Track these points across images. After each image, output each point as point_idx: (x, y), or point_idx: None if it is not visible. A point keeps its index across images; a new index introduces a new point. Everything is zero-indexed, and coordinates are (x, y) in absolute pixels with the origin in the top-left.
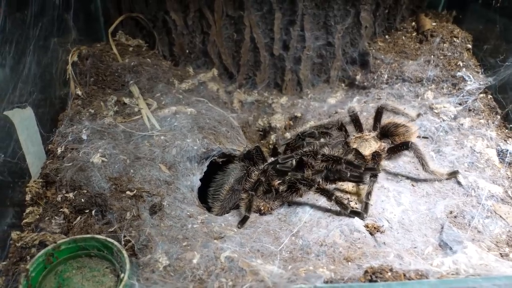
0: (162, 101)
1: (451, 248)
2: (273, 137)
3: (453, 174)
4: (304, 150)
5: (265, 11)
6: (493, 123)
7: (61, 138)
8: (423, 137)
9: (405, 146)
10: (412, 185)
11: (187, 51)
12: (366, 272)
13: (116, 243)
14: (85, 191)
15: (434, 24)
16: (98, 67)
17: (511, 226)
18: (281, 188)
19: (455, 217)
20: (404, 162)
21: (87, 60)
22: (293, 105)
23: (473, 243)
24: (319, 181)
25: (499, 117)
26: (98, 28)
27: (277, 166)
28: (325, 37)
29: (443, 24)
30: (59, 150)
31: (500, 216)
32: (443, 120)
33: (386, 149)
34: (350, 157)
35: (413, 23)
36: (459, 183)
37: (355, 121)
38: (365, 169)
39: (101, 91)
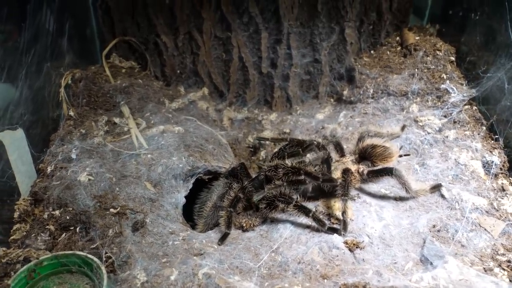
0: (151, 120)
1: (431, 263)
2: (262, 153)
3: (436, 188)
4: (268, 166)
5: (252, 32)
6: (478, 134)
7: (52, 157)
8: (405, 155)
9: (389, 172)
10: (395, 199)
11: (178, 71)
12: None
13: (95, 259)
14: (71, 209)
15: (417, 38)
16: (91, 89)
17: (496, 240)
18: (260, 205)
19: (438, 231)
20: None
21: (80, 83)
22: (282, 121)
23: (455, 257)
24: (297, 198)
25: (484, 128)
26: (94, 51)
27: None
28: (312, 54)
29: (426, 37)
30: (49, 169)
31: (485, 229)
32: (428, 133)
33: (365, 171)
34: (311, 168)
35: (398, 38)
36: (442, 196)
37: (337, 146)
38: (323, 181)
39: (93, 111)
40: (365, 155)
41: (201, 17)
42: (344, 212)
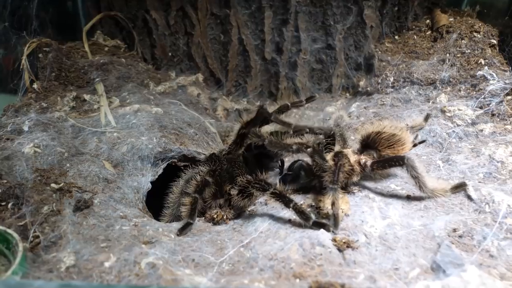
0: (127, 99)
1: (444, 271)
2: None
3: (459, 188)
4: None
5: (254, 9)
6: None
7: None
8: (420, 142)
9: (399, 161)
10: (407, 197)
11: (170, 54)
12: (310, 287)
13: (15, 235)
14: (5, 181)
15: (451, 19)
16: (62, 62)
17: None
18: (232, 192)
19: (460, 236)
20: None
21: (50, 54)
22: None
23: (479, 268)
24: (276, 185)
25: None
26: (78, 28)
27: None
28: (324, 39)
29: (463, 19)
30: None
31: None
32: (457, 125)
33: (368, 162)
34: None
35: (428, 21)
36: (469, 197)
37: (340, 136)
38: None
39: (61, 87)
40: (368, 143)
41: None
42: (333, 204)
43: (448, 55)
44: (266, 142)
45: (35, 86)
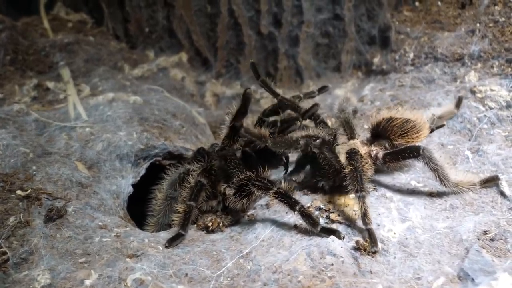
0: (99, 87)
1: (473, 280)
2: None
3: (491, 182)
4: None
5: None
6: None
7: None
8: (437, 127)
9: (414, 152)
10: (431, 195)
11: (147, 29)
12: None
13: None
14: None
15: None
16: (18, 43)
17: None
18: (227, 191)
19: (491, 239)
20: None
21: (3, 33)
22: None
23: None
24: (280, 184)
25: None
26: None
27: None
28: (331, 8)
29: None
30: None
31: None
32: (490, 108)
33: (379, 154)
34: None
35: None
36: (502, 193)
37: (346, 124)
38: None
39: (19, 73)
40: (379, 131)
41: None
42: (365, 215)
43: (478, 24)
44: (269, 143)
45: None
